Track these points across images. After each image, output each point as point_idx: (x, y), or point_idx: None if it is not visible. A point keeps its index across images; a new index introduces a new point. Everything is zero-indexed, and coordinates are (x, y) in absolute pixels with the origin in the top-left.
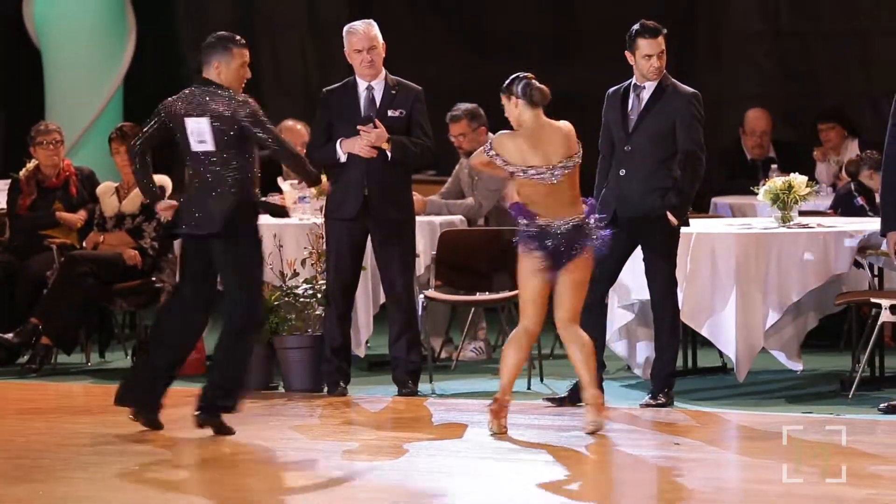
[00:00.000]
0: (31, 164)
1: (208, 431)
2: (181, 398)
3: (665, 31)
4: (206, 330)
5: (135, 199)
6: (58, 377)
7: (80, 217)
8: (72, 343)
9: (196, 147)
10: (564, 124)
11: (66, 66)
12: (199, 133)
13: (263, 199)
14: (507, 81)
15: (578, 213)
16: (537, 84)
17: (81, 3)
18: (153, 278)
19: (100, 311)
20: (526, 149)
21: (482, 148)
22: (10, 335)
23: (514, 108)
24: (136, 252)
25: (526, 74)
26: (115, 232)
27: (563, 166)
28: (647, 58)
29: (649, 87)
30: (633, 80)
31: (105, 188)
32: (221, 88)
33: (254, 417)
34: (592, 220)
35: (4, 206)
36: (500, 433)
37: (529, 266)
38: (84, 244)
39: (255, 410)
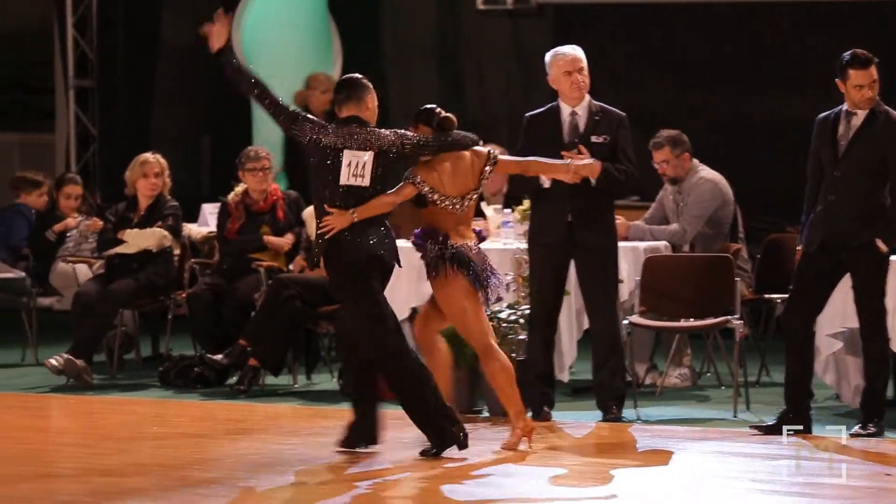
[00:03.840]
0: (239, 189)
1: (414, 449)
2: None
3: (876, 60)
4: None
5: None
6: (265, 398)
7: (286, 241)
8: (279, 365)
9: None
10: (468, 154)
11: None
12: None
13: None
14: (418, 112)
15: (473, 238)
16: (444, 113)
17: (289, 29)
18: None
19: (306, 334)
20: (446, 179)
21: (407, 178)
22: (219, 356)
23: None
24: None
25: (432, 106)
26: None
27: (469, 198)
28: (858, 88)
29: (861, 114)
30: (844, 107)
31: (311, 212)
32: None
33: None
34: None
35: (214, 229)
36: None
37: (462, 288)
38: (291, 268)
39: None
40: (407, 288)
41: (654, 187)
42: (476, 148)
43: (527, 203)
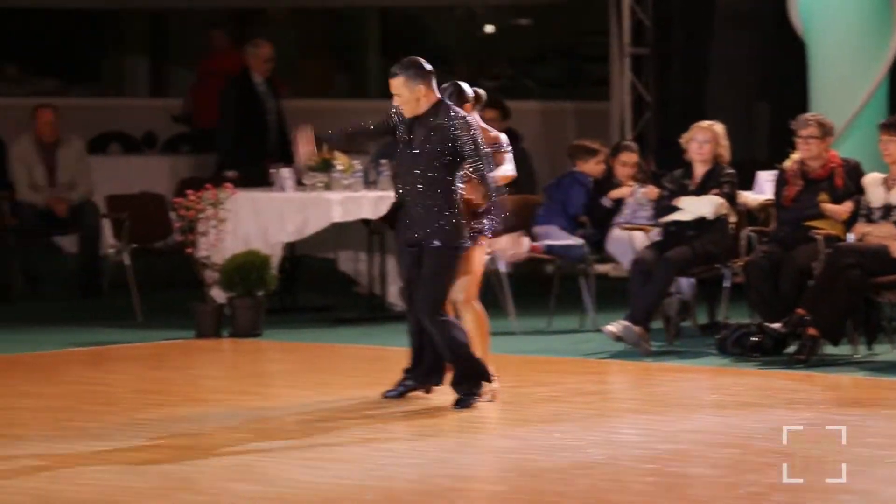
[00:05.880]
0: (795, 156)
1: None
2: None
3: None
4: None
5: None
6: (825, 368)
7: (845, 209)
8: (839, 334)
9: None
10: None
11: (832, 58)
12: None
13: None
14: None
15: None
16: None
17: None
18: None
19: (867, 303)
20: None
21: None
22: (777, 325)
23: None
24: None
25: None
26: (882, 223)
27: None
28: None
29: None
30: None
31: (872, 179)
32: None
33: None
34: None
35: (770, 197)
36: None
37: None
38: (850, 236)
39: None
40: None
41: None
42: None
43: None
